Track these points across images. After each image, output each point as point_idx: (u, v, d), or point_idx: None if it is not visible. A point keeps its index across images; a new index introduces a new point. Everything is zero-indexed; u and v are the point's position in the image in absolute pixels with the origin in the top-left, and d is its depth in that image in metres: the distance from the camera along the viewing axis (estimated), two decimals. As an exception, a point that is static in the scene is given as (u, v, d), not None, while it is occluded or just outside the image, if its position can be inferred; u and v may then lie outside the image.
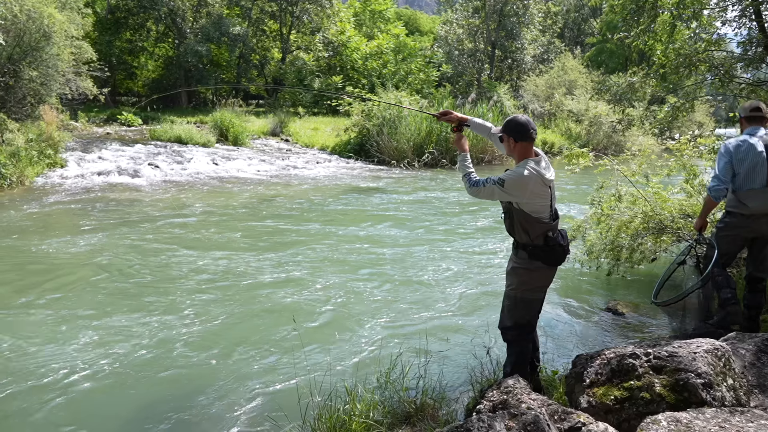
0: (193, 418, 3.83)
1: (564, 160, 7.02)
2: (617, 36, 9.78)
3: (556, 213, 3.53)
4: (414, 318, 5.62)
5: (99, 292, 6.11)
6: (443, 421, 3.50)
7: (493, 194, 3.40)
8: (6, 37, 12.63)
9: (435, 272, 7.07)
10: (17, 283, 6.40)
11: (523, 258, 3.51)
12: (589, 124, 25.70)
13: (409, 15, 58.19)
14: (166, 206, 10.80)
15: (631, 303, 6.10)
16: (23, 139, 13.27)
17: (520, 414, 2.50)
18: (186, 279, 6.60)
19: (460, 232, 9.26)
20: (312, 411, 3.51)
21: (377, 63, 32.80)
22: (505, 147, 3.53)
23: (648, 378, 2.79)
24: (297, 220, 9.93)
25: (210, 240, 8.39)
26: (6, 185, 11.69)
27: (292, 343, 4.87)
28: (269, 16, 34.31)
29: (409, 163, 17.98)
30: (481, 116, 20.26)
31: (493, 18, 33.81)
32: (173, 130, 19.31)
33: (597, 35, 42.32)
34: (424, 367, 3.94)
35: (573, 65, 31.38)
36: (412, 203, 11.96)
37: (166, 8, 28.73)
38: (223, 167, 15.89)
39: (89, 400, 4.04)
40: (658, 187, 6.56)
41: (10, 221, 9.14)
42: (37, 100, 14.98)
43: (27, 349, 4.73)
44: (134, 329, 5.17)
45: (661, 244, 6.55)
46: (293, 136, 22.63)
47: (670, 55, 7.67)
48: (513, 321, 3.61)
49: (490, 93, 27.55)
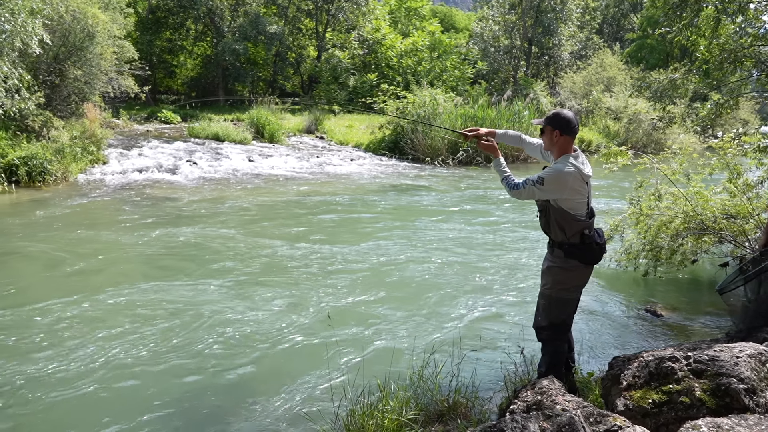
0: (227, 412, 3.90)
1: (601, 158, 6.88)
2: (658, 31, 9.57)
3: (593, 211, 3.48)
4: (447, 315, 5.60)
5: (137, 283, 6.26)
6: (476, 420, 3.48)
7: (534, 194, 3.38)
8: (52, 37, 13.01)
9: (469, 270, 7.04)
10: (61, 270, 6.60)
11: (559, 256, 3.46)
12: (628, 122, 25.16)
13: (445, 12, 57.85)
14: (203, 202, 11.00)
15: (670, 305, 5.96)
16: (67, 136, 13.68)
17: (555, 415, 2.47)
18: (222, 273, 6.71)
19: (496, 230, 9.18)
20: (345, 407, 3.53)
21: (412, 60, 32.74)
22: (546, 139, 3.49)
23: (688, 382, 2.73)
24: (333, 216, 9.99)
25: (248, 235, 8.51)
26: (51, 181, 12.07)
27: (325, 339, 4.91)
28: (305, 15, 34.62)
29: (443, 161, 17.91)
30: (517, 113, 20.06)
31: (530, 14, 33.41)
32: (211, 127, 19.65)
33: (637, 31, 41.32)
34: (457, 366, 3.92)
35: (612, 62, 30.73)
36: (448, 201, 11.91)
37: (204, 7, 29.24)
38: (259, 164, 16.09)
39: (125, 390, 4.15)
40: (699, 187, 6.39)
41: (56, 215, 9.44)
42: (81, 99, 15.41)
43: (73, 334, 4.89)
44: (169, 320, 5.29)
45: (702, 245, 6.38)
46: (328, 133, 22.79)
47: (714, 50, 7.45)
48: (548, 321, 3.57)
49: (526, 90, 27.24)
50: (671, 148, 7.21)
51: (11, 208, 9.99)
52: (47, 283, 6.34)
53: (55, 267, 6.90)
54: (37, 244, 7.78)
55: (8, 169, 11.61)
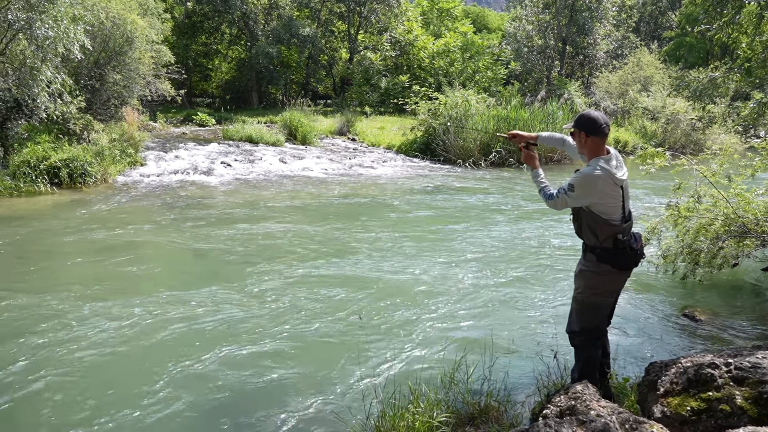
0: (257, 411, 3.94)
1: (637, 160, 6.74)
2: (698, 29, 9.34)
3: (629, 215, 3.40)
4: (480, 318, 5.56)
5: (171, 282, 6.38)
6: (508, 424, 3.45)
7: (567, 203, 3.35)
8: (93, 42, 13.38)
9: (502, 272, 6.97)
10: (100, 268, 6.78)
11: (592, 261, 3.41)
12: (665, 122, 24.61)
13: (477, 12, 57.56)
14: (237, 203, 11.16)
15: (710, 309, 5.81)
16: (107, 139, 14.06)
17: (589, 421, 2.43)
18: (255, 274, 6.79)
19: (532, 232, 9.08)
20: (376, 408, 3.54)
21: (444, 61, 32.65)
22: (576, 143, 3.44)
23: (728, 389, 2.65)
24: (366, 218, 10.03)
25: (281, 237, 8.61)
26: (91, 182, 12.41)
27: (357, 340, 4.93)
28: (338, 17, 34.82)
29: (475, 163, 17.80)
30: (551, 114, 19.81)
31: (564, 13, 32.97)
32: (245, 129, 19.92)
33: (675, 29, 40.40)
34: (489, 369, 3.90)
35: (649, 61, 30.09)
36: (483, 202, 11.83)
37: (239, 12, 29.67)
38: (291, 166, 16.25)
39: (155, 388, 4.24)
40: (741, 188, 6.20)
41: (95, 215, 9.70)
42: (120, 102, 15.82)
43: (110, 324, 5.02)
44: (200, 317, 5.37)
45: (743, 248, 6.19)
46: (360, 135, 22.87)
47: (757, 47, 7.24)
48: (580, 326, 3.52)
49: (560, 90, 26.88)
50: (711, 148, 7.02)
51: (54, 209, 10.31)
52: (86, 280, 6.50)
53: (93, 264, 7.09)
54: (77, 243, 8.01)
55: (51, 170, 11.98)
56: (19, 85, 11.22)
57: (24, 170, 11.69)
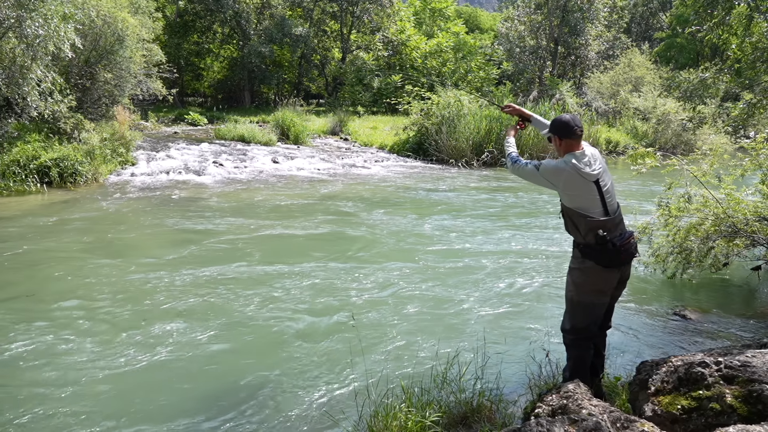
0: (250, 411, 3.93)
1: (628, 159, 6.77)
2: (688, 30, 9.40)
3: (616, 211, 3.40)
4: (472, 318, 5.57)
5: (162, 281, 6.36)
6: (500, 423, 3.46)
7: (532, 176, 3.51)
8: (84, 41, 13.29)
9: (495, 272, 6.99)
10: (89, 268, 6.74)
11: (577, 257, 3.48)
12: (656, 122, 24.75)
13: (470, 12, 57.68)
14: (229, 203, 11.12)
15: (700, 308, 5.85)
16: (98, 138, 13.95)
17: (581, 420, 2.44)
18: (246, 274, 6.77)
19: (522, 232, 9.11)
20: (368, 408, 3.54)
21: (437, 61, 32.69)
22: (554, 146, 3.59)
23: (718, 388, 2.67)
24: (357, 218, 10.02)
25: (272, 236, 8.59)
26: (82, 182, 12.33)
27: (349, 341, 4.92)
28: (330, 17, 34.80)
29: (467, 162, 17.83)
30: (543, 115, 19.86)
31: (556, 14, 33.08)
32: (237, 129, 19.86)
33: (666, 30, 40.62)
34: (482, 368, 3.90)
35: (640, 61, 30.24)
36: (475, 202, 11.85)
37: (231, 11, 29.59)
38: (284, 165, 16.22)
39: (146, 391, 4.22)
40: (731, 189, 6.24)
41: (86, 215, 9.64)
42: (111, 101, 15.71)
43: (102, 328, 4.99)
44: (193, 319, 5.36)
45: (733, 247, 6.24)
46: (352, 134, 22.86)
47: (747, 49, 7.30)
48: (571, 324, 3.54)
49: (552, 91, 26.99)
50: (701, 149, 7.06)
51: (44, 209, 10.23)
52: (75, 280, 6.46)
53: (82, 264, 7.04)
54: (67, 243, 7.95)
55: (41, 170, 11.89)
56: (9, 83, 11.13)
57: (14, 169, 11.61)
